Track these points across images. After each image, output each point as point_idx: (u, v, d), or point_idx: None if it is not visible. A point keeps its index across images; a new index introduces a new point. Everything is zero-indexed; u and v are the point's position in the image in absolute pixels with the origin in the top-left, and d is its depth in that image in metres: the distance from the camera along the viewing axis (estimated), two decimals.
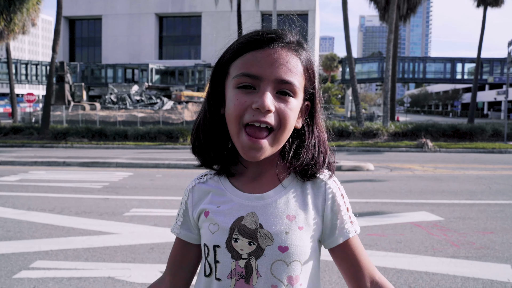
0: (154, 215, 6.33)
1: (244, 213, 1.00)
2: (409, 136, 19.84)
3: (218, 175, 1.08)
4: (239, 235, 0.98)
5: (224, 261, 0.99)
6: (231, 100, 0.98)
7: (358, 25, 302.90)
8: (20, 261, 4.34)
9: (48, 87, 20.78)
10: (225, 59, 1.02)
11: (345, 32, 20.74)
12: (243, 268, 0.98)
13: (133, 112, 29.21)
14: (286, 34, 1.00)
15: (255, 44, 0.97)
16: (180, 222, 1.11)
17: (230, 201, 1.03)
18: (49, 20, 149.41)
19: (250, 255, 0.98)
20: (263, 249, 0.97)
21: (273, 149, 0.98)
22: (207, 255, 1.02)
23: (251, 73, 0.95)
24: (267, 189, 1.03)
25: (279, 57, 0.96)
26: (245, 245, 0.98)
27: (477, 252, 4.69)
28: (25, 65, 47.20)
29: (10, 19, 22.59)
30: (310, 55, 1.03)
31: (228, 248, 0.99)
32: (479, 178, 10.14)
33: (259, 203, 1.01)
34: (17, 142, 19.15)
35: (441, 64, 46.96)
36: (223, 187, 1.06)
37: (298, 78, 0.98)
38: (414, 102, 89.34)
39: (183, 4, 51.88)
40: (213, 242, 1.00)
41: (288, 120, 0.96)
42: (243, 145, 0.96)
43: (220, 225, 1.00)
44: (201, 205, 1.06)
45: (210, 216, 1.03)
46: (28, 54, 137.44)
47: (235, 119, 0.96)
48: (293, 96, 0.97)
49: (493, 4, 27.73)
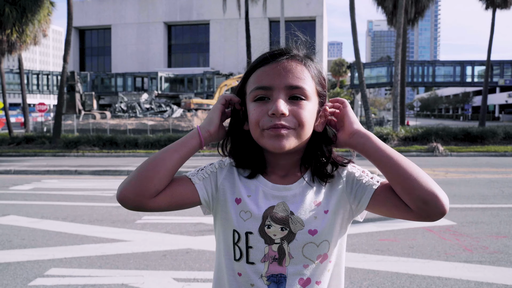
0: (166, 222, 6.37)
1: (274, 203, 1.09)
2: (419, 140, 19.70)
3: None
4: (271, 221, 1.07)
5: (257, 246, 1.08)
6: (250, 112, 1.08)
7: (366, 30, 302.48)
8: (35, 268, 4.40)
9: (59, 97, 21.03)
10: (241, 81, 1.14)
11: (353, 37, 20.73)
12: (276, 252, 1.07)
13: (143, 120, 29.41)
14: (291, 49, 1.10)
15: (263, 62, 1.08)
16: (203, 177, 1.13)
17: (260, 191, 1.11)
18: (60, 30, 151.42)
19: (283, 240, 1.07)
20: (294, 233, 1.07)
21: (297, 141, 1.06)
22: (237, 240, 1.09)
23: (262, 85, 1.05)
24: (293, 181, 1.12)
25: (285, 67, 1.05)
26: (278, 230, 1.07)
27: (490, 257, 4.65)
28: (37, 75, 47.85)
29: (22, 31, 22.94)
30: (318, 66, 1.12)
31: (261, 235, 1.07)
32: (491, 182, 10.05)
33: (287, 192, 1.10)
34: (29, 151, 19.37)
35: (451, 67, 46.69)
36: (254, 178, 1.13)
37: (308, 82, 1.06)
38: (424, 106, 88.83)
39: (191, 13, 52.30)
40: (245, 229, 1.08)
41: (304, 119, 1.04)
42: (269, 137, 1.04)
43: (252, 213, 1.08)
44: (233, 187, 1.12)
45: (242, 203, 1.10)
46: (39, 65, 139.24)
47: (256, 125, 1.05)
48: (306, 99, 1.06)
49: (502, 6, 27.53)
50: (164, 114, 33.80)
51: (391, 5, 27.17)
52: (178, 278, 4.14)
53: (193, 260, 4.64)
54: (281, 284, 1.08)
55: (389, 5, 27.33)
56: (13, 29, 22.48)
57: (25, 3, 22.41)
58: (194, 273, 4.26)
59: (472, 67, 46.24)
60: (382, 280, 4.04)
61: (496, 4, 27.33)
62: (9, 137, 21.92)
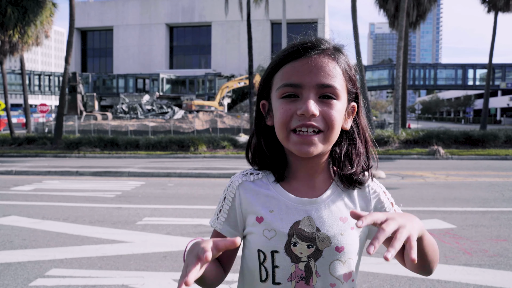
0: (167, 223, 6.38)
1: (299, 218, 1.04)
2: (420, 143, 19.70)
3: (266, 178, 1.10)
4: (298, 239, 1.02)
5: (283, 265, 1.02)
6: (277, 109, 1.02)
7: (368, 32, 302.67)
8: (36, 269, 4.42)
9: (61, 98, 21.09)
10: (267, 73, 1.07)
11: (354, 39, 20.75)
12: (302, 270, 1.02)
13: (144, 121, 29.47)
14: (321, 42, 1.03)
15: (292, 56, 1.01)
16: (224, 218, 1.10)
17: (283, 205, 1.05)
18: (62, 31, 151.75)
19: (309, 257, 1.02)
20: (321, 251, 1.02)
21: (324, 147, 1.02)
22: (263, 260, 1.03)
23: (292, 82, 0.99)
24: (318, 193, 1.07)
25: (316, 63, 0.99)
26: (304, 248, 1.02)
27: (490, 260, 4.66)
28: (38, 76, 47.97)
29: (24, 32, 23.01)
30: (348, 59, 1.07)
31: (287, 253, 1.02)
32: (492, 185, 10.05)
33: (312, 206, 1.05)
34: (30, 152, 19.41)
35: (452, 70, 46.71)
36: (274, 190, 1.07)
37: (339, 80, 1.01)
38: (425, 109, 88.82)
39: (193, 14, 52.42)
40: (270, 248, 1.02)
41: (335, 121, 1.00)
42: (294, 143, 1.00)
43: (277, 231, 1.03)
44: (252, 207, 1.07)
45: (265, 221, 1.04)
46: (41, 65, 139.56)
47: (282, 126, 1.01)
48: (336, 98, 1.00)
49: (504, 9, 27.56)
50: (166, 115, 33.87)
51: (393, 8, 27.23)
52: (178, 279, 4.14)
53: None
54: None
55: (391, 8, 27.38)
56: (15, 30, 22.54)
57: (27, 4, 22.49)
58: None
59: (473, 70, 46.26)
60: (381, 282, 4.04)
61: (498, 7, 27.36)
62: (11, 137, 21.97)
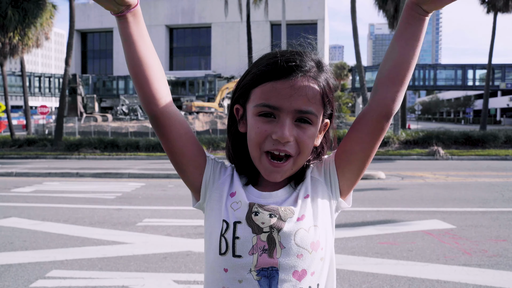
0: (167, 225, 6.39)
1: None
2: (420, 144, 19.71)
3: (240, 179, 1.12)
4: (259, 208, 1.01)
5: (244, 236, 0.99)
6: (252, 127, 1.02)
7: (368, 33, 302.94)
8: (36, 270, 4.43)
9: (61, 99, 21.11)
10: (245, 83, 1.05)
11: (354, 40, 20.78)
12: (265, 241, 0.99)
13: (144, 123, 29.48)
14: (305, 61, 1.01)
15: (274, 74, 0.99)
16: (217, 161, 1.13)
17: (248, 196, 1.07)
18: (62, 33, 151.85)
19: (272, 228, 0.99)
20: (284, 220, 1.00)
21: (293, 171, 1.05)
22: (225, 231, 1.01)
23: (270, 104, 0.99)
24: (279, 188, 1.08)
25: (298, 89, 0.98)
26: (266, 217, 1.00)
27: (489, 260, 4.67)
28: (39, 78, 48.01)
29: (24, 34, 23.04)
30: (328, 76, 1.05)
31: (248, 223, 1.00)
32: (491, 186, 10.06)
33: (273, 195, 1.07)
34: (31, 153, 19.43)
35: (452, 71, 46.74)
36: (242, 189, 1.09)
37: (317, 106, 1.01)
38: (425, 109, 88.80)
39: (193, 16, 52.47)
40: (234, 219, 1.02)
41: (307, 148, 1.02)
42: (265, 168, 1.03)
43: (242, 202, 1.04)
44: (229, 184, 1.09)
45: (235, 196, 1.06)
46: (41, 67, 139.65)
47: (256, 146, 1.02)
48: (311, 124, 1.01)
49: (503, 10, 27.57)
50: None
51: (392, 9, 27.26)
52: (178, 280, 4.16)
53: (193, 263, 4.66)
54: (273, 279, 0.98)
55: (390, 9, 27.41)
56: (15, 32, 22.58)
57: (27, 6, 22.53)
58: (194, 276, 4.29)
59: (473, 70, 46.27)
60: (381, 283, 4.06)
61: (498, 8, 27.38)
62: (11, 139, 21.99)
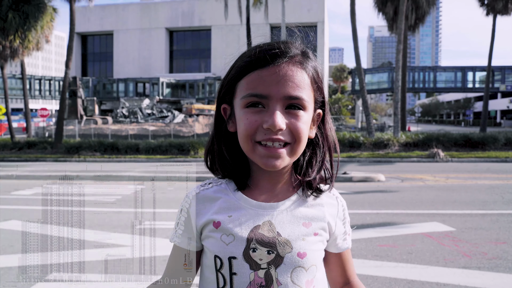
0: (167, 227, 6.40)
1: (259, 222, 0.99)
2: (420, 146, 19.72)
3: (226, 185, 1.06)
4: (257, 244, 0.97)
5: (241, 272, 0.97)
6: (241, 120, 0.97)
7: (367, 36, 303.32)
8: (35, 273, 4.43)
9: (61, 102, 21.15)
10: (230, 78, 1.01)
11: (354, 43, 20.81)
12: (262, 278, 0.97)
13: (144, 125, 29.50)
14: (289, 47, 0.98)
15: (259, 63, 0.95)
16: (181, 231, 1.07)
17: (242, 210, 1.01)
18: (62, 36, 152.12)
19: (270, 264, 0.97)
20: (282, 257, 0.97)
21: (291, 159, 0.99)
22: (220, 267, 0.99)
23: (258, 93, 0.94)
24: (281, 199, 1.03)
25: (284, 74, 0.94)
26: (264, 254, 0.97)
27: (489, 263, 4.67)
28: (39, 81, 48.05)
29: (25, 37, 23.09)
30: (316, 64, 1.02)
31: (246, 259, 0.97)
32: (491, 188, 10.06)
33: (273, 211, 1.00)
34: (31, 156, 19.44)
35: (452, 73, 46.74)
36: (233, 196, 1.03)
37: (306, 91, 0.97)
38: (425, 111, 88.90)
39: (193, 18, 52.57)
40: (228, 254, 0.97)
41: (301, 133, 0.96)
42: (261, 156, 0.96)
43: (235, 236, 0.98)
44: (208, 214, 1.03)
45: (222, 226, 0.99)
46: (41, 70, 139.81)
47: (247, 138, 0.96)
48: (303, 109, 0.97)
49: (502, 12, 27.62)
50: (166, 119, 33.91)
51: (392, 11, 27.30)
52: None
53: None
54: None
55: (390, 11, 27.46)
56: (16, 35, 22.63)
57: (28, 9, 22.57)
58: (196, 278, 4.29)
59: (473, 72, 46.27)
60: (380, 286, 4.06)
61: (497, 10, 27.43)
62: (11, 142, 22.01)
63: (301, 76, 0.96)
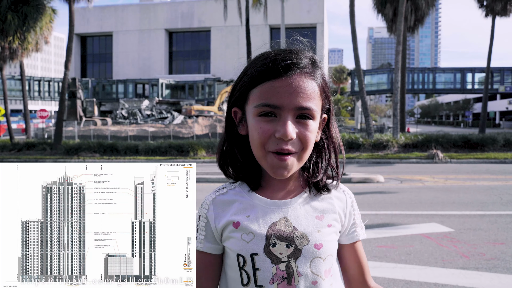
0: None
1: (276, 219, 1.06)
2: (419, 147, 19.75)
3: (240, 188, 1.12)
4: (276, 239, 1.04)
5: (264, 267, 1.03)
6: (254, 127, 1.04)
7: (367, 37, 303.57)
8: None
9: (61, 103, 21.16)
10: (242, 85, 1.07)
11: (353, 44, 20.84)
12: (284, 271, 1.03)
13: (143, 126, 29.52)
14: (300, 58, 1.04)
15: (272, 73, 1.01)
16: (203, 236, 1.11)
17: (258, 209, 1.08)
18: (61, 37, 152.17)
19: (289, 257, 1.04)
20: (300, 249, 1.04)
21: (298, 166, 1.06)
22: (243, 265, 1.05)
23: (271, 103, 1.01)
24: (293, 196, 1.10)
25: (296, 86, 1.01)
26: (284, 248, 1.04)
27: (487, 263, 4.69)
28: (38, 82, 48.05)
29: (24, 38, 23.12)
30: (323, 72, 1.08)
31: (267, 254, 1.04)
32: (490, 189, 10.08)
33: (288, 207, 1.08)
34: (30, 157, 19.45)
35: (451, 74, 46.80)
36: (248, 197, 1.10)
37: (316, 101, 1.04)
38: (424, 113, 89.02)
39: (192, 20, 52.62)
40: (250, 251, 1.04)
41: (309, 142, 1.04)
42: (272, 165, 1.03)
43: (255, 233, 1.04)
44: (227, 217, 1.09)
45: (241, 226, 1.06)
46: (41, 71, 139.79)
47: (260, 146, 1.03)
48: (312, 119, 1.03)
49: (501, 14, 27.67)
50: (165, 120, 33.93)
51: (391, 13, 27.35)
52: None
53: None
54: None
55: (389, 13, 27.50)
56: (15, 36, 22.65)
57: (27, 11, 22.60)
58: None
59: (472, 74, 46.33)
60: None
61: (496, 11, 27.49)
62: (10, 143, 22.03)
63: (311, 87, 1.03)
